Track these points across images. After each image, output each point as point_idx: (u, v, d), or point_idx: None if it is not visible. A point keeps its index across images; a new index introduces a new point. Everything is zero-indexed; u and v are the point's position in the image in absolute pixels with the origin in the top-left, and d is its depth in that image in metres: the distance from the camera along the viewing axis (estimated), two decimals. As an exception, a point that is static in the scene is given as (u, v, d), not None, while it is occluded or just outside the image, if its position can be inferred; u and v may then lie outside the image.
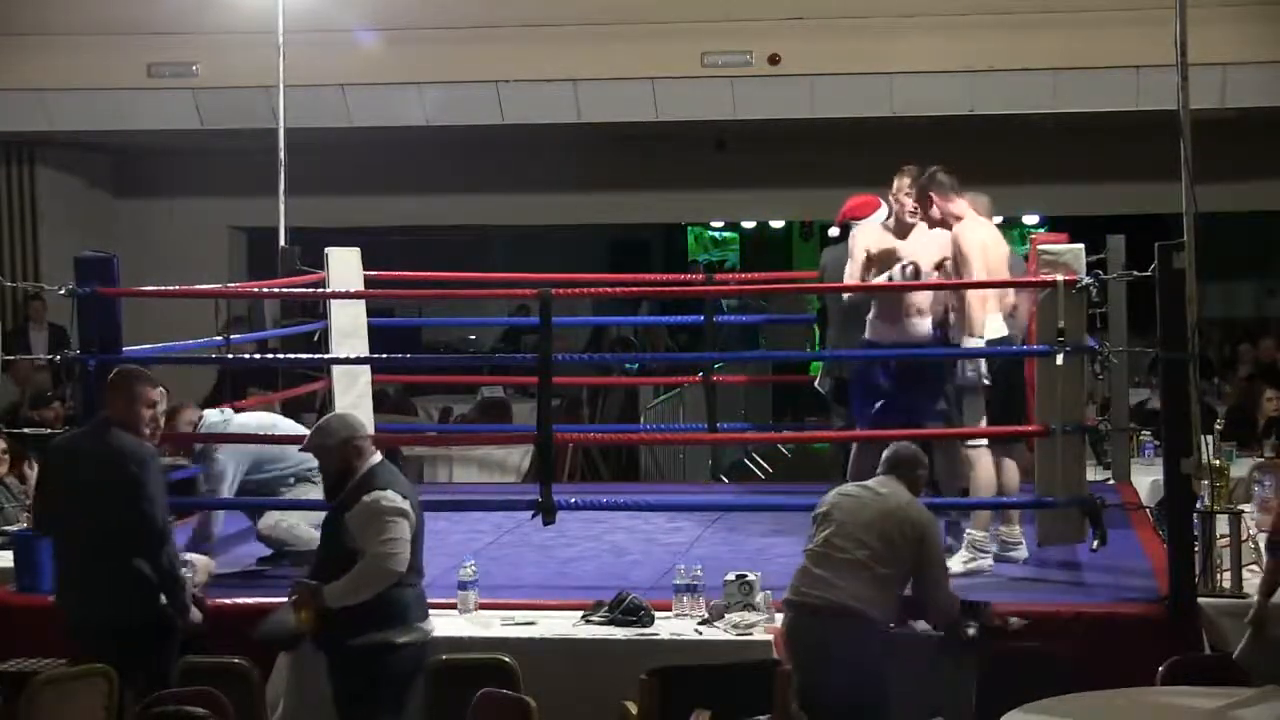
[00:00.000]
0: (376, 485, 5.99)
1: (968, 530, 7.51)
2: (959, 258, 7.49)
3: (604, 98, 13.30)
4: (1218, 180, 10.63)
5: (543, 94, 13.30)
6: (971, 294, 7.42)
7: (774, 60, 13.04)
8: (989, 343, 7.43)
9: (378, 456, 6.13)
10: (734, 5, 13.05)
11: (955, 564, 7.37)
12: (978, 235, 7.51)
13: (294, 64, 10.09)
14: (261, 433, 7.85)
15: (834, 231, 9.02)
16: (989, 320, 7.48)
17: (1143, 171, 11.63)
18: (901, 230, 7.67)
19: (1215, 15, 10.45)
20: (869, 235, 7.75)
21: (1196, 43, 7.03)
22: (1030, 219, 16.86)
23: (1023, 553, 7.58)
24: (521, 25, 13.09)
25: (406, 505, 5.96)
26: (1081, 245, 7.42)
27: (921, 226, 7.67)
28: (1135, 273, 7.25)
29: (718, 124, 13.99)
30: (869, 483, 6.33)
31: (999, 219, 17.60)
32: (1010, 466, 7.63)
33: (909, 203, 7.61)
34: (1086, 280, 7.11)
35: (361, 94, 13.45)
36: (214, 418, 7.82)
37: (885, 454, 6.40)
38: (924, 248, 7.63)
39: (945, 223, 7.60)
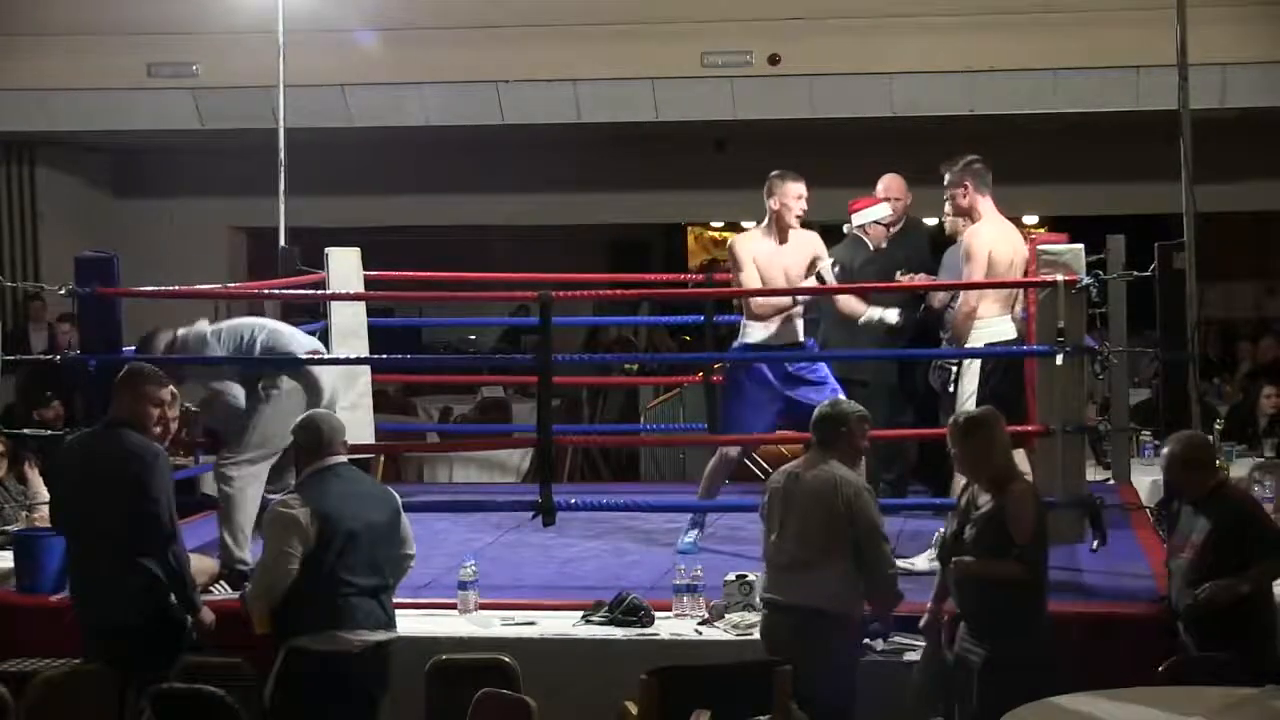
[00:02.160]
0: (292, 490, 6.03)
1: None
2: (965, 259, 7.49)
3: (604, 98, 13.30)
4: (1218, 180, 10.63)
5: (543, 94, 13.29)
6: (961, 300, 7.46)
7: (774, 60, 13.04)
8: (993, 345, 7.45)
9: (331, 460, 6.01)
10: (734, 5, 13.04)
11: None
12: (985, 238, 7.48)
13: (294, 64, 10.09)
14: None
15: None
16: (996, 323, 7.48)
17: (1143, 171, 11.63)
18: (782, 235, 7.89)
19: (1215, 15, 10.44)
20: (751, 244, 7.91)
21: (1196, 43, 7.04)
22: (1030, 219, 16.85)
23: None
24: (521, 25, 13.08)
25: (301, 514, 5.80)
26: (1081, 245, 7.42)
27: (796, 231, 7.89)
28: (1135, 273, 7.25)
29: (718, 124, 13.98)
30: (798, 465, 6.18)
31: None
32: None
33: (796, 208, 7.82)
34: (1086, 280, 7.12)
35: (361, 94, 13.44)
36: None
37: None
38: (797, 250, 7.90)
39: (969, 214, 7.61)
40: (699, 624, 6.60)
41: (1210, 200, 7.14)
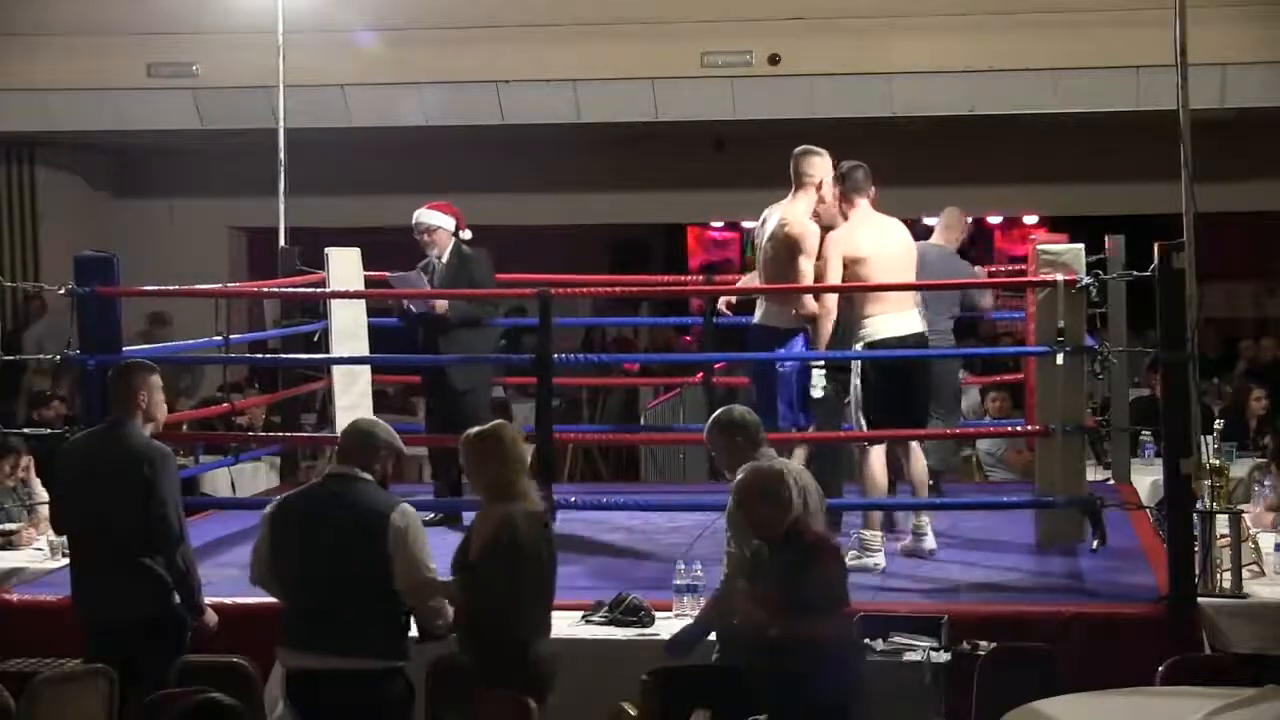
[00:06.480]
0: None
1: (859, 530, 7.46)
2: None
3: (604, 98, 13.30)
4: (1218, 180, 10.62)
5: (543, 94, 13.30)
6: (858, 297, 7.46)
7: (774, 60, 13.05)
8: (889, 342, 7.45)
9: (335, 469, 5.73)
10: (734, 5, 13.05)
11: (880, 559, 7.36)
12: (836, 242, 7.51)
13: (294, 64, 10.10)
14: None
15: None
16: (881, 320, 7.46)
17: (1143, 171, 11.64)
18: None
19: (1215, 15, 10.46)
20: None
21: (1196, 43, 7.05)
22: (1030, 219, 16.85)
23: (880, 560, 7.41)
24: (521, 25, 13.09)
25: (265, 513, 5.65)
26: (1081, 245, 7.43)
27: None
28: (1135, 273, 7.25)
29: (717, 124, 13.99)
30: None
31: (998, 218, 17.63)
32: (918, 455, 7.63)
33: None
34: (1086, 280, 7.12)
35: (361, 94, 13.45)
36: None
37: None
38: None
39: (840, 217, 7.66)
40: (699, 624, 6.57)
41: (1210, 200, 7.13)
